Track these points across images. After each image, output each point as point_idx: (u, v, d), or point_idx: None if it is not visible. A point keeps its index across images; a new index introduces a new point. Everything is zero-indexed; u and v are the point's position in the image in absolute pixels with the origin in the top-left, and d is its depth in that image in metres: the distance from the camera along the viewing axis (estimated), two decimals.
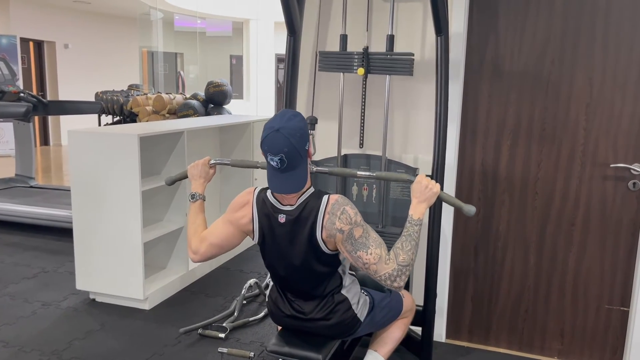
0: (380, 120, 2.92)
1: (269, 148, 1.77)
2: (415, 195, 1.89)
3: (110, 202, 3.28)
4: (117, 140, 3.21)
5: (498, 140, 2.81)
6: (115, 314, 3.32)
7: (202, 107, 6.88)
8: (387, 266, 1.80)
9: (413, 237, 1.83)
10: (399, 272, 1.79)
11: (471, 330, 3.02)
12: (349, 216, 1.83)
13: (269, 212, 1.92)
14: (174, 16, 12.19)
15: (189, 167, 2.17)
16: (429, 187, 1.88)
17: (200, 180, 2.15)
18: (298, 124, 1.79)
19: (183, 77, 10.29)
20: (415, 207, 1.89)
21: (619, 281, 2.72)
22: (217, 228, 2.03)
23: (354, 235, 1.82)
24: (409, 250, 1.81)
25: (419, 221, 1.86)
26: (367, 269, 1.82)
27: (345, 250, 1.84)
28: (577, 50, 2.62)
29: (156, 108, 7.12)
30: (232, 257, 4.41)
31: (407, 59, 2.49)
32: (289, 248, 1.92)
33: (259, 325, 3.19)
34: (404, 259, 1.80)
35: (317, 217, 1.85)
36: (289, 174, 1.80)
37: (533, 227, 2.82)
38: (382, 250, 1.82)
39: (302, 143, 1.80)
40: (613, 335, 2.77)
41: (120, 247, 3.32)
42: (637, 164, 2.60)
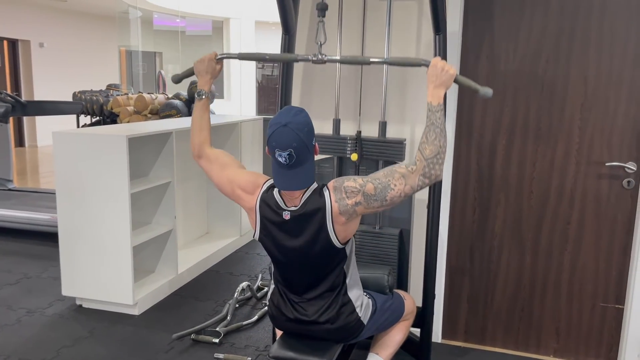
0: (376, 118, 2.89)
1: (277, 144, 1.73)
2: (431, 80, 1.82)
3: (98, 205, 3.19)
4: (104, 141, 3.12)
5: (493, 140, 2.81)
6: (103, 320, 3.23)
7: (185, 107, 6.78)
8: (416, 173, 1.74)
9: (436, 124, 1.76)
10: (431, 164, 1.74)
11: (467, 330, 3.01)
12: (353, 187, 1.79)
13: (272, 210, 1.87)
14: (153, 15, 12.01)
15: (196, 62, 2.10)
16: (445, 69, 1.80)
17: (207, 76, 2.08)
18: (305, 118, 1.77)
19: (164, 77, 10.12)
20: (433, 92, 1.81)
21: (613, 279, 2.74)
22: (232, 168, 1.97)
23: (370, 193, 1.77)
24: (434, 140, 1.75)
25: (439, 107, 1.78)
26: (406, 195, 1.77)
27: (376, 208, 1.79)
28: (571, 49, 2.63)
29: (138, 108, 6.99)
30: (221, 260, 4.34)
31: (398, 145, 2.49)
32: (295, 243, 1.87)
33: (252, 329, 3.14)
34: (431, 151, 1.74)
35: (325, 213, 1.80)
36: (297, 170, 1.76)
37: (529, 226, 2.82)
38: (399, 170, 1.77)
39: (310, 138, 1.77)
40: (608, 332, 2.79)
41: (108, 251, 3.23)
42: (632, 162, 2.62)
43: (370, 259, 2.60)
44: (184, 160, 4.24)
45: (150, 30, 12.43)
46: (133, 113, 7.01)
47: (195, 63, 2.09)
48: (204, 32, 12.94)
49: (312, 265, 1.89)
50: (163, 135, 3.52)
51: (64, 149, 3.20)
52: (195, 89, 6.84)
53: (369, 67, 2.87)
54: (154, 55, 13.30)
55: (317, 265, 1.89)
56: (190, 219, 4.42)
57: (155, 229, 3.55)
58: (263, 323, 3.22)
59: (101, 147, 3.13)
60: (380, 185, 1.77)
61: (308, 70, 2.97)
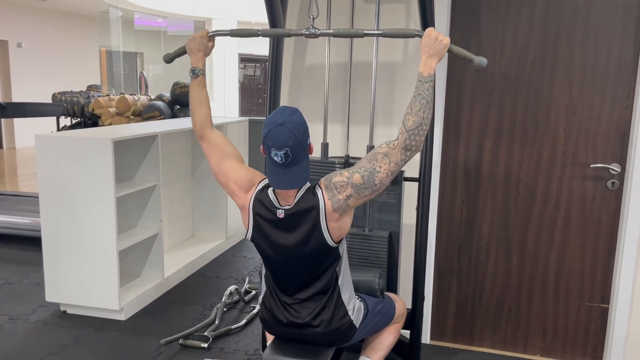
0: (365, 120, 2.89)
1: (273, 142, 1.73)
2: (425, 50, 1.82)
3: (83, 209, 3.14)
4: (89, 144, 3.07)
5: (480, 141, 2.83)
6: (89, 326, 3.18)
7: (168, 108, 6.71)
8: (397, 148, 1.77)
9: (423, 95, 1.77)
10: (412, 136, 1.76)
11: (455, 331, 3.03)
12: (342, 181, 1.81)
13: (266, 209, 1.86)
14: (134, 15, 11.87)
15: (188, 40, 2.08)
16: (439, 39, 1.80)
17: (200, 54, 2.06)
18: (300, 118, 1.78)
19: (146, 78, 10.01)
20: (425, 62, 1.81)
21: (599, 279, 2.78)
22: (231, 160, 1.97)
23: (359, 183, 1.79)
24: (418, 111, 1.76)
25: (429, 77, 1.78)
26: (393, 173, 1.79)
27: (368, 196, 1.81)
28: (557, 53, 2.66)
29: (120, 110, 6.90)
30: (207, 263, 4.30)
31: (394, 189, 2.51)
32: (288, 241, 1.86)
33: (241, 333, 3.12)
34: (413, 122, 1.75)
35: (319, 211, 1.81)
36: (292, 169, 1.76)
37: (515, 227, 2.85)
38: (381, 150, 1.79)
39: (305, 137, 1.78)
40: (594, 332, 2.83)
41: (93, 255, 3.18)
42: (616, 163, 2.67)
43: (360, 262, 2.60)
44: (169, 162, 4.19)
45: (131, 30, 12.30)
46: (115, 115, 6.92)
47: (187, 41, 2.07)
48: (186, 32, 12.84)
49: (305, 265, 1.88)
50: (148, 138, 3.48)
51: (47, 153, 3.15)
52: (179, 91, 6.80)
53: (358, 79, 2.87)
54: (135, 56, 13.16)
55: (310, 264, 1.88)
56: (175, 222, 4.38)
57: (141, 232, 3.50)
58: (252, 327, 3.20)
59: (86, 151, 3.08)
60: (367, 172, 1.79)
61: (295, 78, 2.96)
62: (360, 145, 2.90)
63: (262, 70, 14.34)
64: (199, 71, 2.05)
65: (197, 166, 4.58)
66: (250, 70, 14.16)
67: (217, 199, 4.58)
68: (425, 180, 2.47)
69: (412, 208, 2.83)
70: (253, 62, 14.10)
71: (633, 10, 2.54)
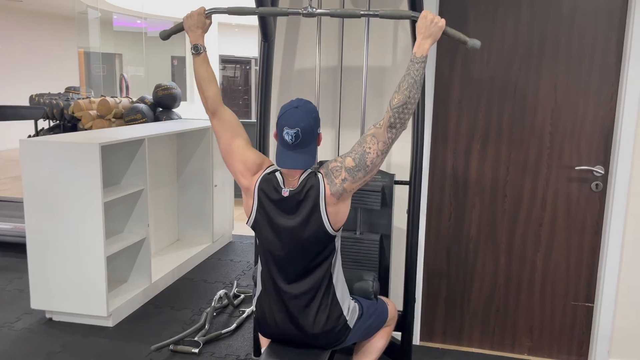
0: (356, 123, 2.91)
1: (286, 122, 1.82)
2: (421, 31, 1.84)
3: (69, 215, 3.10)
4: (76, 149, 3.03)
5: (468, 145, 2.87)
6: (76, 333, 3.14)
7: (150, 111, 6.64)
8: (384, 127, 1.82)
9: (412, 75, 1.80)
10: (397, 114, 1.80)
11: (445, 331, 3.07)
12: (336, 166, 1.88)
13: (272, 187, 1.91)
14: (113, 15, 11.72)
15: (184, 17, 2.06)
16: (435, 21, 1.83)
17: (198, 30, 2.05)
18: (314, 107, 1.88)
19: (126, 80, 9.89)
20: (420, 43, 1.84)
21: (583, 278, 2.85)
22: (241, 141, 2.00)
23: (352, 166, 1.85)
24: (405, 90, 1.79)
25: (422, 58, 1.81)
26: (383, 152, 1.84)
27: (363, 178, 1.86)
28: (542, 58, 2.72)
29: (101, 112, 6.80)
30: (194, 267, 4.28)
31: (375, 193, 2.56)
32: (289, 222, 1.90)
33: (232, 338, 3.11)
34: (398, 100, 1.80)
35: (319, 193, 1.87)
36: (300, 150, 1.84)
37: (503, 228, 2.90)
38: (369, 132, 1.85)
39: (316, 124, 1.87)
40: (579, 330, 2.89)
41: (80, 261, 3.14)
42: (599, 166, 2.73)
43: (352, 265, 2.62)
44: (154, 166, 4.16)
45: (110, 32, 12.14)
46: (96, 117, 6.82)
47: (184, 18, 2.06)
48: None
49: (303, 250, 1.91)
50: (135, 142, 3.45)
51: (32, 158, 3.10)
52: (162, 93, 6.74)
53: (347, 84, 2.89)
54: (113, 57, 12.99)
55: (308, 250, 1.91)
56: (161, 226, 4.35)
57: (128, 237, 3.47)
58: (242, 331, 3.19)
59: (72, 156, 3.04)
60: (358, 155, 1.85)
61: (285, 82, 2.97)
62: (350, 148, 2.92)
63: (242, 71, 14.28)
64: (201, 47, 2.04)
65: (182, 170, 4.55)
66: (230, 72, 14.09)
67: (203, 203, 4.56)
68: (415, 184, 2.50)
69: (402, 211, 2.86)
70: (233, 64, 14.04)
71: (615, 17, 2.61)
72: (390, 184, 2.61)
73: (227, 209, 4.93)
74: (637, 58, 2.55)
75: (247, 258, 4.53)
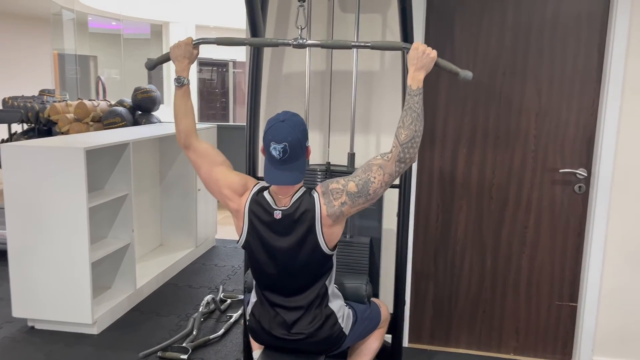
0: (346, 129, 2.93)
1: (273, 137, 1.78)
2: (412, 62, 1.85)
3: (53, 221, 3.04)
4: (60, 154, 2.98)
5: (455, 148, 2.91)
6: (60, 341, 3.07)
7: (129, 114, 6.55)
8: (392, 160, 1.81)
9: (413, 108, 1.81)
10: (406, 149, 1.79)
11: (432, 333, 3.10)
12: (337, 188, 1.84)
13: (263, 210, 1.87)
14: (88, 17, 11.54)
15: (171, 47, 2.05)
16: (426, 52, 1.84)
17: (185, 61, 2.03)
18: (301, 120, 1.85)
19: (103, 82, 9.72)
20: (413, 76, 1.85)
21: (567, 278, 2.91)
22: (222, 167, 1.97)
23: (354, 191, 1.82)
24: (410, 125, 1.80)
25: (418, 91, 1.82)
26: (387, 184, 1.83)
27: (362, 204, 1.84)
28: (526, 63, 2.78)
29: (78, 116, 6.68)
30: (178, 272, 4.24)
31: None
32: (283, 243, 1.87)
33: (220, 343, 3.09)
34: (406, 135, 1.79)
35: (314, 214, 1.84)
36: (289, 166, 1.81)
37: (489, 230, 2.94)
38: (375, 162, 1.83)
39: (304, 138, 1.83)
40: (563, 329, 2.96)
41: (64, 268, 3.08)
42: (582, 168, 2.80)
43: (342, 268, 2.63)
44: (136, 170, 4.11)
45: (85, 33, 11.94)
46: (73, 121, 6.70)
47: (172, 48, 2.04)
48: (142, 36, 12.57)
49: (299, 271, 1.90)
50: (120, 147, 3.40)
51: (14, 163, 3.03)
52: (141, 96, 6.66)
53: (336, 87, 2.90)
54: (88, 59, 12.77)
55: (304, 271, 1.90)
56: (144, 231, 4.29)
57: (113, 243, 3.42)
58: (230, 336, 3.17)
59: (56, 161, 2.98)
60: (361, 181, 1.83)
61: (273, 86, 2.97)
62: (340, 152, 2.93)
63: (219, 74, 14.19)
64: (184, 80, 2.02)
65: (165, 174, 4.50)
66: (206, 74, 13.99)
67: (186, 207, 4.52)
68: (405, 187, 2.52)
69: (391, 214, 2.89)
70: (210, 66, 13.95)
71: (596, 23, 2.68)
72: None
73: (211, 213, 4.89)
74: (618, 63, 2.63)
75: (232, 262, 4.50)
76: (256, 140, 2.62)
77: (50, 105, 7.04)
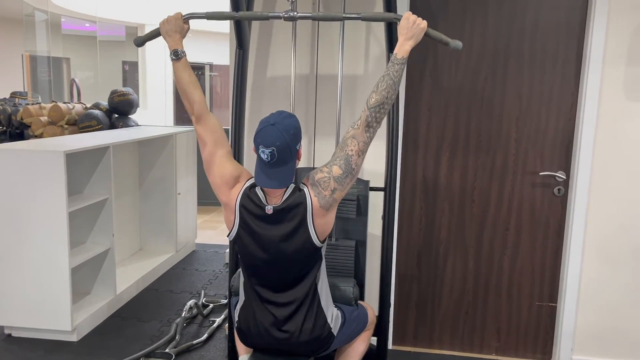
0: (331, 133, 2.94)
1: (262, 140, 1.78)
2: (403, 32, 1.88)
3: (31, 225, 2.97)
4: (39, 157, 2.92)
5: (438, 151, 2.95)
6: (38, 349, 3.00)
7: (105, 117, 6.44)
8: (361, 126, 1.84)
9: (392, 76, 1.84)
10: (374, 113, 1.83)
11: (416, 335, 3.13)
12: (324, 177, 1.85)
13: (255, 204, 1.87)
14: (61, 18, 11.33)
15: (161, 23, 2.02)
16: (417, 22, 1.87)
17: (177, 35, 2.01)
18: (293, 122, 1.83)
19: (77, 84, 9.54)
20: (401, 44, 1.87)
21: (547, 279, 2.97)
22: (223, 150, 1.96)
23: (339, 174, 1.84)
24: (383, 90, 1.83)
25: (402, 60, 1.85)
26: (363, 151, 1.85)
27: (350, 182, 1.86)
28: (507, 68, 2.83)
29: (52, 119, 6.55)
30: (159, 277, 4.18)
31: (351, 202, 2.58)
32: (275, 233, 1.87)
33: (203, 348, 3.06)
34: (376, 100, 1.83)
35: (306, 207, 1.84)
36: (278, 169, 1.80)
37: (471, 232, 2.99)
38: (348, 134, 1.86)
39: (295, 141, 1.82)
40: (544, 329, 3.01)
41: (43, 274, 3.01)
42: (561, 171, 2.87)
43: (328, 271, 2.63)
44: (116, 174, 4.05)
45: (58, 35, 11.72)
46: (47, 124, 6.56)
47: (161, 24, 2.02)
48: (117, 38, 12.40)
49: (289, 263, 1.90)
50: (100, 150, 3.35)
51: None
52: (118, 99, 6.57)
53: (323, 94, 2.91)
54: (61, 61, 12.53)
55: (294, 263, 1.90)
56: (123, 235, 4.23)
57: (92, 248, 3.36)
58: (214, 341, 3.15)
59: (35, 164, 2.92)
60: (342, 160, 1.85)
61: (257, 89, 2.97)
62: (326, 156, 2.94)
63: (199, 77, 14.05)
64: (181, 52, 2.00)
65: (144, 178, 4.45)
66: None
67: (166, 211, 4.47)
68: (390, 190, 2.54)
69: (376, 217, 2.90)
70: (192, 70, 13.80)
71: (575, 31, 2.75)
72: (365, 191, 2.64)
73: (191, 217, 4.85)
74: (595, 70, 2.70)
75: (212, 267, 4.47)
76: (241, 142, 2.61)
77: (23, 108, 6.89)
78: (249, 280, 1.98)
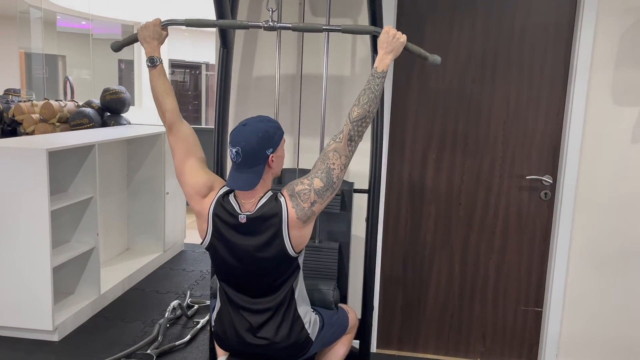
0: (315, 133, 2.91)
1: (231, 139, 1.79)
2: (382, 46, 1.87)
3: (12, 223, 2.94)
4: (21, 155, 2.89)
5: (424, 154, 2.93)
6: (19, 349, 2.97)
7: (97, 115, 6.41)
8: (344, 140, 1.82)
9: (373, 89, 1.83)
10: (356, 127, 1.81)
11: (401, 339, 3.10)
12: (304, 189, 1.82)
13: (228, 213, 1.84)
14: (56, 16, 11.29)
15: (139, 28, 2.00)
16: (397, 36, 1.87)
17: (154, 42, 1.99)
18: (265, 126, 1.80)
19: (71, 82, 9.50)
20: (381, 58, 1.87)
21: (533, 284, 2.95)
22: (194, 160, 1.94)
23: (320, 187, 1.82)
24: (365, 104, 1.82)
25: (382, 74, 1.85)
26: (345, 165, 1.84)
27: (330, 196, 1.84)
28: (495, 71, 2.81)
29: (44, 116, 6.52)
30: (145, 277, 4.15)
31: (336, 196, 2.55)
32: (249, 243, 1.84)
33: (186, 350, 3.03)
34: (358, 114, 1.81)
35: (281, 218, 1.81)
36: (243, 171, 1.79)
37: (458, 236, 2.96)
38: (330, 147, 1.84)
39: (263, 145, 1.78)
40: (529, 334, 2.99)
41: (24, 272, 2.98)
42: (548, 175, 2.84)
43: (310, 273, 2.61)
44: (103, 173, 4.02)
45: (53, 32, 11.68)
46: (39, 121, 6.53)
47: (140, 29, 2.00)
48: (113, 36, 12.36)
49: (264, 273, 1.87)
50: (85, 148, 3.32)
51: None
52: (110, 97, 6.53)
53: (308, 95, 2.89)
54: (56, 59, 12.49)
55: (269, 273, 1.87)
56: (110, 234, 4.19)
57: (76, 247, 3.33)
58: (196, 342, 3.12)
59: (17, 162, 2.89)
60: (324, 173, 1.83)
61: (242, 90, 2.94)
62: (310, 156, 2.91)
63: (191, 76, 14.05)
64: (157, 60, 1.98)
65: (132, 177, 4.41)
66: (180, 77, 13.83)
67: (154, 211, 4.43)
68: (374, 192, 2.52)
69: (360, 219, 2.88)
70: (183, 68, 13.80)
71: (563, 35, 2.73)
72: (349, 191, 2.62)
73: (179, 217, 4.82)
74: (583, 74, 2.68)
75: (200, 267, 4.44)
76: (224, 143, 2.58)
77: (15, 105, 6.86)
78: (223, 287, 1.96)
